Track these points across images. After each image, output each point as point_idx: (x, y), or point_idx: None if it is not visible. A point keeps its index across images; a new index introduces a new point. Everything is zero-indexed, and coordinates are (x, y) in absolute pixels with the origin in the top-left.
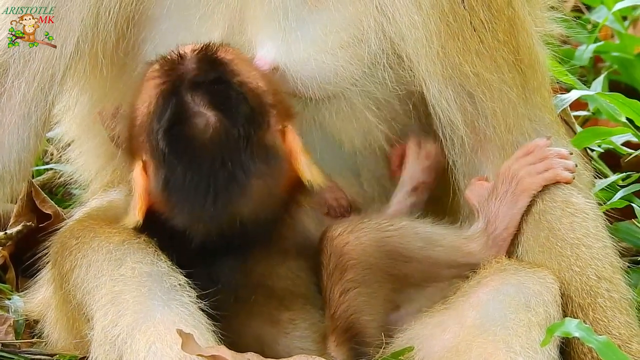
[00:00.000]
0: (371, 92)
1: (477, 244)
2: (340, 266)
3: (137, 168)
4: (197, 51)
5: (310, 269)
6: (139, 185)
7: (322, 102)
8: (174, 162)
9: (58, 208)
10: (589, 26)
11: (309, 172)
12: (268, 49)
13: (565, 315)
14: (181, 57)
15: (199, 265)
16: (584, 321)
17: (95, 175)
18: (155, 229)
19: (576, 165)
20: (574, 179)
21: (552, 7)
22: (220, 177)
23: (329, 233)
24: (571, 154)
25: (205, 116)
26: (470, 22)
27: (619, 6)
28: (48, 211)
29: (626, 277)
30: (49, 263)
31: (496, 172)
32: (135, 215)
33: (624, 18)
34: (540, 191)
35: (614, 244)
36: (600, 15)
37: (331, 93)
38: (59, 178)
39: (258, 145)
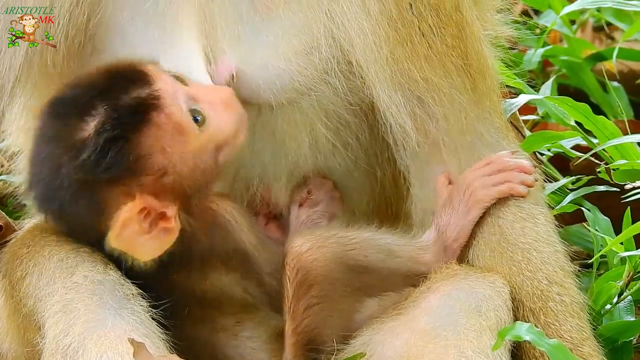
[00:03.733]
0: (323, 101)
1: (430, 254)
2: (307, 282)
3: None
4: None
5: (244, 277)
6: None
7: (277, 110)
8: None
9: (9, 219)
10: (537, 30)
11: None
12: (228, 56)
13: (516, 320)
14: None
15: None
16: (535, 325)
17: None
18: None
19: (536, 180)
20: (528, 193)
21: (501, 10)
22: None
23: (296, 248)
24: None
25: (85, 122)
26: (419, 28)
27: (566, 10)
28: None
29: (577, 280)
30: (0, 273)
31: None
32: None
33: (572, 22)
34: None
35: (565, 248)
36: (549, 19)
37: (286, 100)
38: (9, 189)
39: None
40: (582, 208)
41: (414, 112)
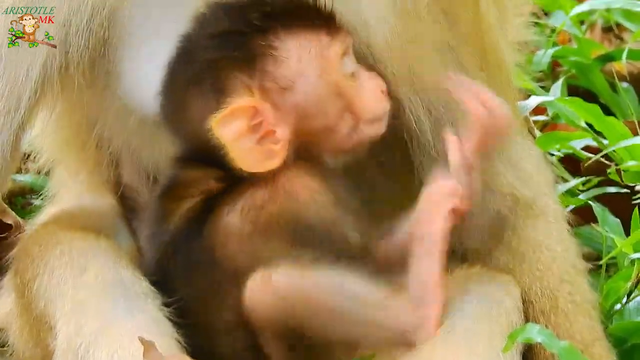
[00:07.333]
0: None
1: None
2: (260, 323)
3: None
4: None
5: None
6: None
7: None
8: None
9: (18, 218)
10: (547, 31)
11: None
12: None
13: (527, 320)
14: None
15: None
16: (545, 325)
17: (69, 188)
18: None
19: None
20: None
21: (521, 14)
22: None
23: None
24: None
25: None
26: (435, 20)
27: (576, 10)
28: (9, 222)
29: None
30: (11, 271)
31: None
32: None
33: (582, 22)
34: (504, 191)
35: (579, 244)
36: (558, 20)
37: None
38: (19, 188)
39: None
40: (593, 208)
41: (428, 109)
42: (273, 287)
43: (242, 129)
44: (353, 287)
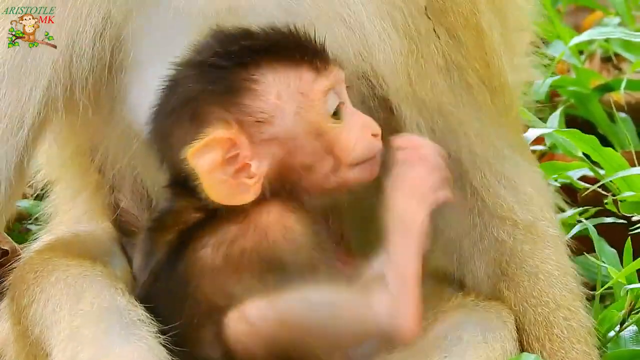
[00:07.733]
0: None
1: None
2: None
3: None
4: None
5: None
6: None
7: None
8: None
9: (14, 243)
10: (546, 60)
11: None
12: None
13: (522, 346)
14: None
15: None
16: (540, 352)
17: (66, 210)
18: None
19: None
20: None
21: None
22: None
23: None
24: None
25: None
26: (434, 30)
27: (575, 40)
28: (5, 247)
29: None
30: (7, 297)
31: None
32: None
33: (581, 52)
34: (503, 215)
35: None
36: (557, 50)
37: None
38: (17, 214)
39: None
40: (590, 238)
41: (432, 128)
42: (248, 324)
43: (216, 161)
44: (324, 297)
